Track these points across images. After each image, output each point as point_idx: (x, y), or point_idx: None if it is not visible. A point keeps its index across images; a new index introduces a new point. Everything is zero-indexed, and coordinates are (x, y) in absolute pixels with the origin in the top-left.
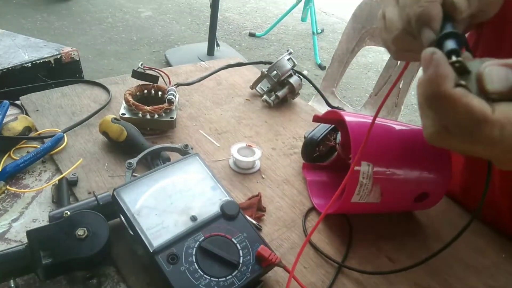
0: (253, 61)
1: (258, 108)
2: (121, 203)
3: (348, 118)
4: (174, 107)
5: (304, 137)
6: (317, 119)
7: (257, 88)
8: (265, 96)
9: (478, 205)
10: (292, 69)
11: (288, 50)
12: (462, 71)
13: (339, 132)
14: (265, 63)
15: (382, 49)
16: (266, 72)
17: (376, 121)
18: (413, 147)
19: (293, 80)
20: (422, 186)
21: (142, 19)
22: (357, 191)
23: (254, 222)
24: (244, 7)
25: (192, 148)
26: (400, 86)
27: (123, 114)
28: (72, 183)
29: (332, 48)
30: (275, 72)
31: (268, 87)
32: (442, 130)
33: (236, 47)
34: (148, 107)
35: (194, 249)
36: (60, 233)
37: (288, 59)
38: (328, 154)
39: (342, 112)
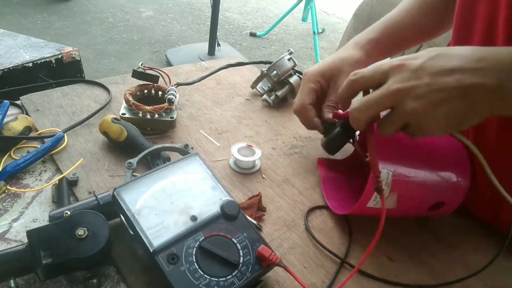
0: (253, 61)
1: (258, 108)
2: (121, 203)
3: None
4: (174, 107)
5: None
6: (336, 116)
7: (257, 87)
8: (265, 96)
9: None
10: (293, 68)
11: (288, 50)
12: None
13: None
14: (265, 62)
15: None
16: (265, 71)
17: None
18: (434, 153)
19: (293, 80)
20: (439, 195)
21: (143, 19)
22: (374, 197)
23: (254, 222)
24: (244, 7)
25: (192, 148)
26: None
27: (123, 114)
28: (72, 183)
29: (333, 48)
30: (275, 72)
31: (268, 86)
32: None
33: (237, 47)
34: (148, 107)
35: (194, 249)
36: (60, 233)
37: (289, 59)
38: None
39: None
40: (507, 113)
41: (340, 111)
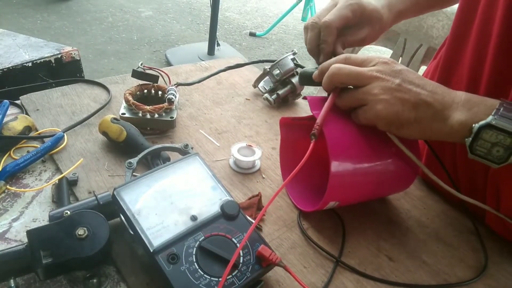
0: (253, 61)
1: (258, 108)
2: (121, 202)
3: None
4: (174, 106)
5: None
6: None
7: (259, 86)
8: (266, 95)
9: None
10: (295, 69)
11: (292, 50)
12: None
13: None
14: (264, 61)
15: (383, 48)
16: (268, 69)
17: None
18: (377, 139)
19: (296, 80)
20: (387, 189)
21: (143, 19)
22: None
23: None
24: (244, 6)
25: (192, 148)
26: None
27: (123, 113)
28: (72, 183)
29: None
30: (278, 71)
31: (270, 86)
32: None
33: (237, 47)
34: (148, 107)
35: (194, 249)
36: (60, 233)
37: (292, 59)
38: None
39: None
40: (451, 140)
41: None
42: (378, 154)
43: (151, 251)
